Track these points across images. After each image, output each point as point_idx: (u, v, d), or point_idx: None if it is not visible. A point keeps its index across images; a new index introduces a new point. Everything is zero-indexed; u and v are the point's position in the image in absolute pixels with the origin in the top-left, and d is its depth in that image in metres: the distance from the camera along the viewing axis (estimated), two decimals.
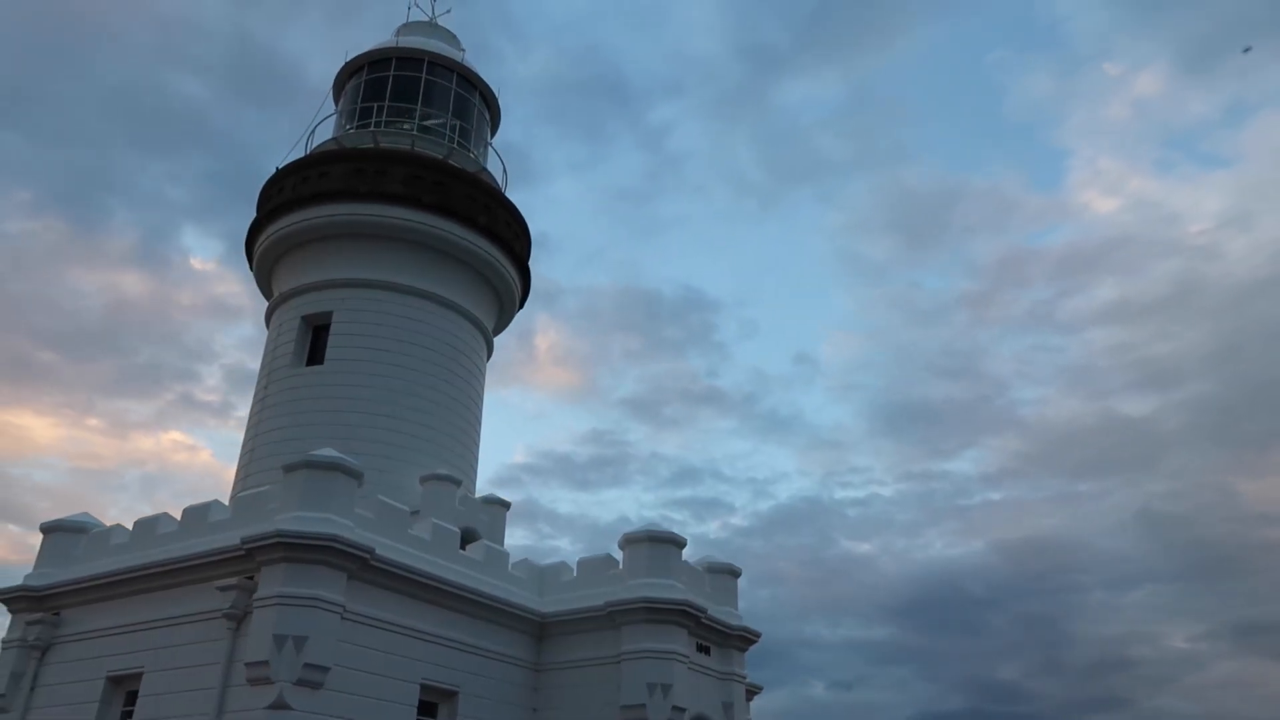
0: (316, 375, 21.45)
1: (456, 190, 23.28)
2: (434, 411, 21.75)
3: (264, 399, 21.89)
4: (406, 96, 25.67)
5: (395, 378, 21.43)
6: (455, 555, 16.93)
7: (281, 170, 23.95)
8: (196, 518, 15.94)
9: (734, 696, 18.44)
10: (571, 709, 16.94)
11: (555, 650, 17.70)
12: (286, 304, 22.97)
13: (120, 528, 17.29)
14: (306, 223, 22.65)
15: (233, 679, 13.53)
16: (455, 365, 22.75)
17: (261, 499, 15.22)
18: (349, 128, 25.56)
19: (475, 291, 24.02)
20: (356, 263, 22.52)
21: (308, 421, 20.65)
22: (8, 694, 16.19)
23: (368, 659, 14.36)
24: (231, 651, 13.73)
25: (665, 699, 16.07)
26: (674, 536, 17.79)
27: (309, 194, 22.71)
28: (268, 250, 23.62)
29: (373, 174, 22.75)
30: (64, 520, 17.90)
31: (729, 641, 18.78)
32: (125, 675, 15.21)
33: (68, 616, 16.55)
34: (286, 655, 13.08)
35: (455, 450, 21.99)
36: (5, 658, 16.62)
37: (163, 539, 16.08)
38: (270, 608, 13.37)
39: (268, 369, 22.46)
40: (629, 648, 16.55)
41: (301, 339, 22.26)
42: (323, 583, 13.70)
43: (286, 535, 13.54)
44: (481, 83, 26.99)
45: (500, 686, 16.80)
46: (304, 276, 22.85)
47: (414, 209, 22.56)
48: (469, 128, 26.40)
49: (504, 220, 24.44)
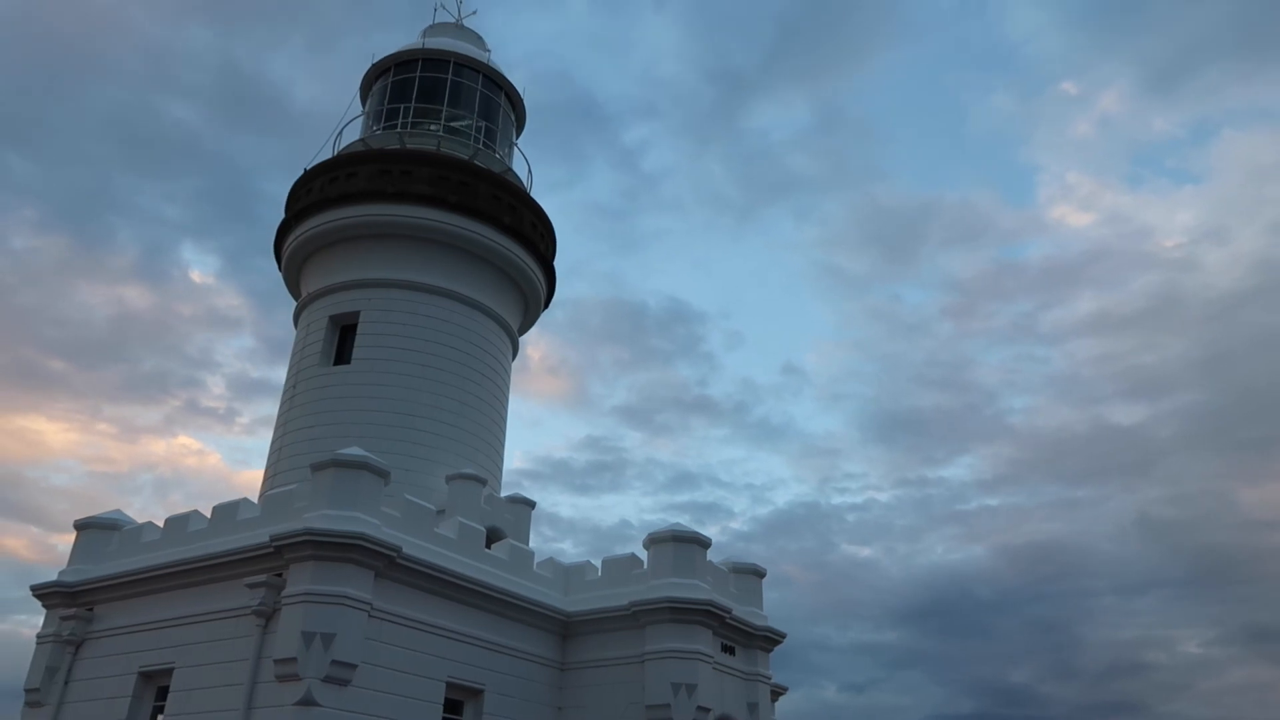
0: (344, 375, 21.62)
1: (482, 190, 23.39)
2: (460, 411, 21.86)
3: (292, 398, 22.08)
4: (433, 97, 25.83)
5: (422, 377, 21.57)
6: (481, 554, 17.01)
7: (309, 171, 24.15)
8: (226, 515, 16.09)
9: (759, 697, 18.40)
10: (596, 708, 16.97)
11: (580, 649, 17.73)
12: (314, 304, 23.17)
13: (152, 525, 17.47)
14: (334, 223, 22.85)
15: (261, 675, 13.64)
16: (481, 365, 22.86)
17: (290, 497, 15.34)
18: (376, 129, 25.74)
19: (501, 291, 24.12)
20: (383, 263, 22.68)
21: (335, 420, 20.83)
22: (42, 688, 16.43)
23: (394, 656, 14.46)
24: (260, 648, 13.83)
25: (690, 699, 16.06)
26: (698, 536, 17.77)
27: (336, 195, 22.91)
28: (296, 251, 23.84)
29: (399, 175, 22.90)
30: (97, 518, 18.11)
31: (754, 642, 18.74)
32: (157, 670, 15.38)
33: (101, 612, 16.77)
34: (314, 652, 13.19)
35: (480, 449, 22.09)
36: (40, 652, 16.87)
37: (193, 536, 16.26)
38: (298, 605, 13.50)
39: (296, 368, 22.65)
40: (653, 647, 16.56)
41: (329, 339, 22.44)
42: (350, 580, 13.81)
43: (315, 533, 13.65)
44: (507, 83, 27.10)
45: (525, 685, 16.86)
46: (331, 277, 23.04)
47: (440, 209, 22.70)
48: (495, 128, 26.52)
49: (529, 220, 24.52)
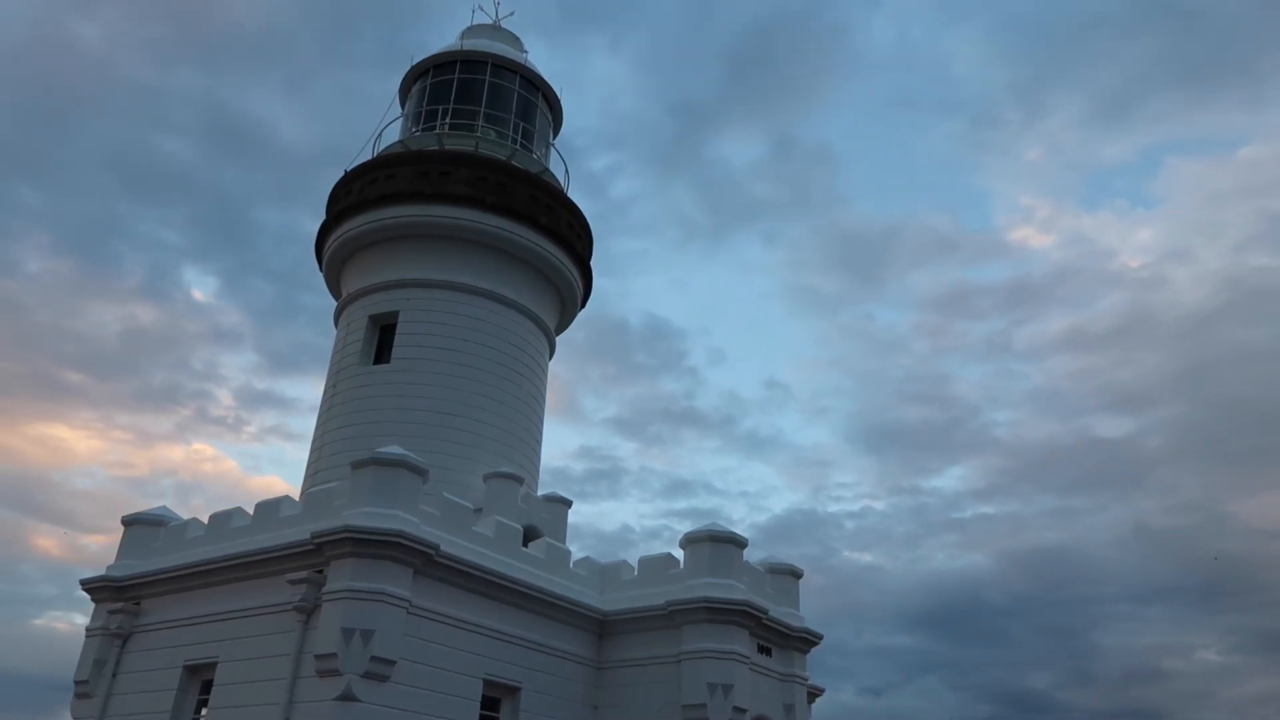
0: (383, 374, 21.85)
1: (519, 191, 23.51)
2: (497, 410, 21.99)
3: (332, 397, 22.36)
4: (471, 99, 26.00)
5: (460, 376, 21.73)
6: (518, 552, 17.10)
7: (350, 173, 24.43)
8: (268, 513, 16.32)
9: (795, 698, 18.31)
10: (632, 707, 16.99)
11: (616, 648, 17.76)
12: (354, 304, 23.43)
13: (196, 521, 17.78)
14: (373, 224, 23.10)
15: (303, 670, 13.82)
16: (518, 364, 22.98)
17: (330, 495, 15.53)
18: (415, 130, 25.97)
19: (538, 291, 24.23)
20: (422, 263, 22.88)
21: (375, 419, 21.05)
22: (91, 680, 16.78)
23: (433, 653, 14.57)
24: (301, 643, 14.01)
25: (726, 699, 16.02)
26: (735, 536, 17.71)
27: (375, 196, 23.15)
28: (336, 251, 24.13)
29: (437, 176, 23.09)
30: (143, 514, 18.45)
31: (790, 643, 18.64)
32: (201, 664, 15.62)
33: (147, 606, 17.08)
34: (354, 648, 13.35)
35: (517, 448, 22.21)
36: (89, 645, 17.24)
37: (236, 533, 16.51)
38: (338, 601, 13.66)
39: (336, 368, 22.94)
40: (689, 647, 16.54)
41: (369, 338, 22.69)
42: (389, 577, 13.95)
43: (354, 530, 13.81)
44: (544, 84, 27.21)
45: (562, 683, 16.92)
46: (371, 277, 23.29)
47: (478, 210, 22.85)
48: (532, 129, 26.64)
49: (566, 220, 24.60)
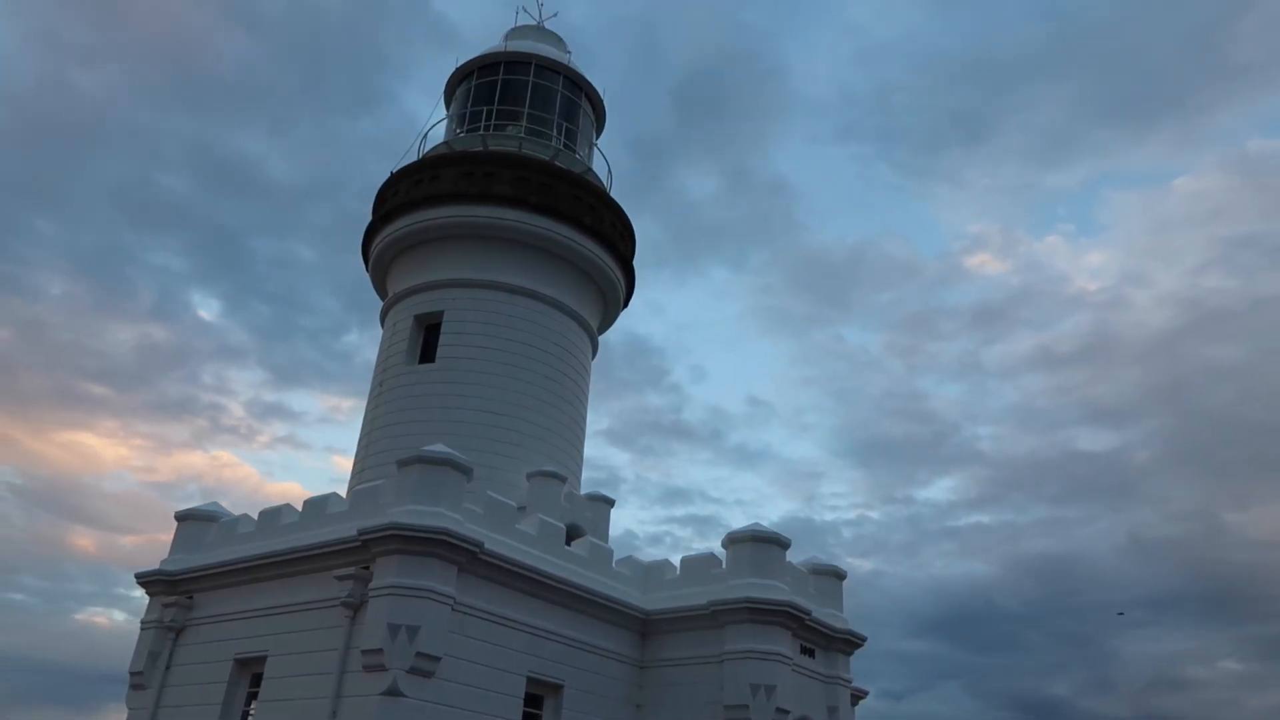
0: (428, 373, 22.09)
1: (562, 191, 23.61)
2: (540, 409, 22.12)
3: (379, 396, 22.65)
4: (515, 99, 26.17)
5: (503, 375, 21.89)
6: (561, 551, 17.17)
7: (395, 175, 24.72)
8: (316, 509, 16.58)
9: (839, 700, 18.16)
10: (675, 706, 16.98)
11: (659, 647, 17.76)
12: (400, 304, 23.71)
13: (247, 517, 18.11)
14: (418, 225, 23.36)
15: (350, 665, 14.02)
16: (561, 363, 23.09)
17: (376, 492, 15.73)
18: (459, 132, 26.20)
19: (581, 290, 24.32)
20: (466, 263, 23.09)
21: (420, 418, 21.29)
22: (146, 671, 17.18)
23: (477, 650, 14.70)
24: (349, 638, 14.21)
25: (769, 700, 15.94)
26: (778, 537, 17.62)
27: (421, 197, 23.41)
28: (383, 252, 24.43)
29: (481, 176, 23.27)
30: (196, 509, 18.84)
31: (833, 644, 18.51)
32: (251, 658, 15.93)
33: (200, 600, 17.44)
34: (400, 644, 13.51)
35: (560, 447, 22.31)
36: (144, 638, 17.65)
37: (285, 529, 16.79)
38: (385, 597, 13.83)
39: (382, 367, 23.23)
40: (732, 647, 16.49)
41: (414, 338, 22.95)
42: (434, 574, 14.09)
43: (400, 528, 13.97)
44: (587, 84, 27.29)
45: (604, 682, 16.97)
46: (416, 277, 23.55)
47: (521, 210, 23.00)
48: (575, 129, 26.74)
49: (609, 220, 24.66)
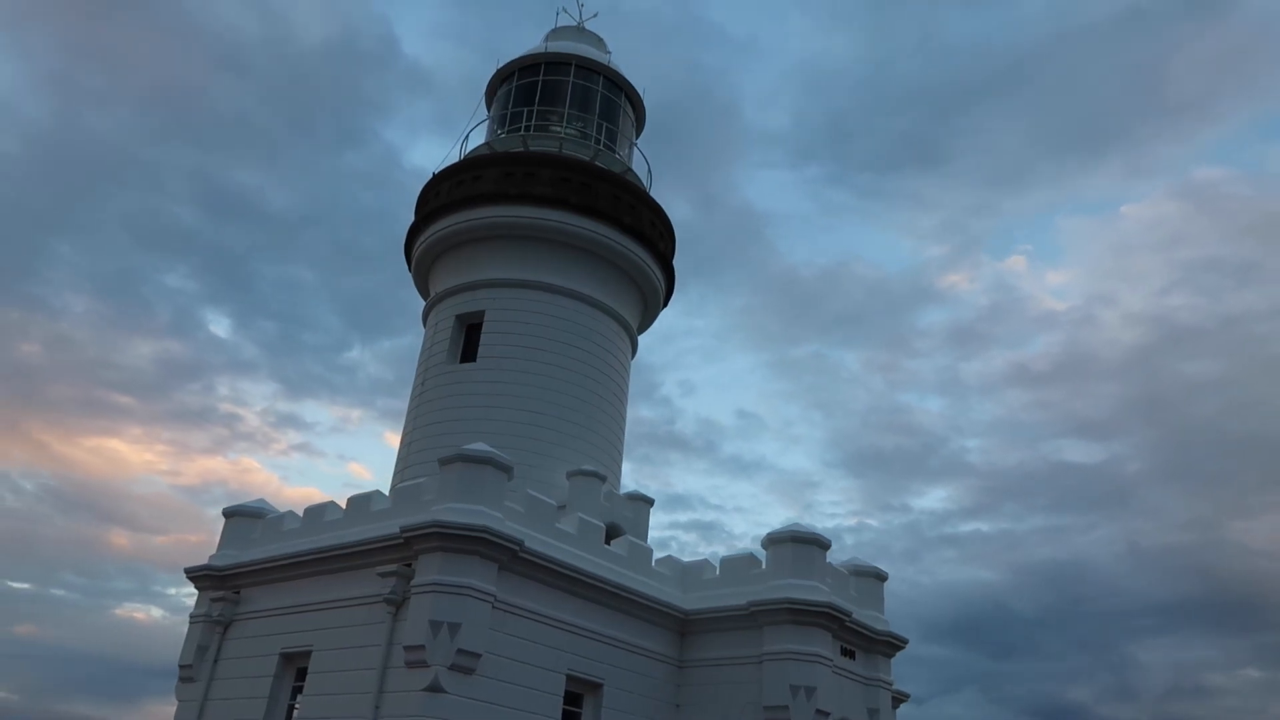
0: (470, 372, 22.28)
1: (602, 191, 23.69)
2: (580, 408, 22.21)
3: (421, 394, 22.89)
4: (555, 100, 26.30)
5: (544, 374, 22.02)
6: (600, 550, 17.22)
7: (437, 175, 24.97)
8: (360, 506, 16.79)
9: (880, 703, 18.02)
10: (714, 706, 16.96)
11: (698, 647, 17.75)
12: (441, 304, 23.95)
13: (292, 514, 18.39)
14: (459, 225, 23.56)
15: (392, 661, 14.19)
16: (601, 362, 23.17)
17: (418, 490, 15.90)
18: (500, 132, 26.38)
19: (621, 290, 24.38)
20: (507, 263, 23.25)
21: (461, 416, 21.47)
22: (194, 665, 17.54)
23: (517, 648, 14.81)
24: (391, 634, 14.38)
25: (809, 702, 15.87)
26: (818, 537, 17.52)
27: (462, 197, 23.62)
28: (425, 252, 24.69)
29: (522, 177, 23.43)
30: (243, 506, 19.19)
31: (874, 646, 18.37)
32: (296, 653, 16.17)
33: (246, 595, 17.76)
34: (441, 640, 13.65)
35: (600, 446, 22.38)
36: (193, 632, 18.01)
37: (329, 526, 17.03)
38: (427, 594, 13.98)
39: (424, 366, 23.47)
40: (771, 648, 16.44)
41: (455, 337, 23.17)
42: (475, 572, 14.22)
43: (441, 525, 14.10)
44: (627, 84, 27.33)
45: (644, 681, 17.00)
46: (458, 277, 23.76)
47: (562, 210, 23.11)
48: (615, 129, 26.81)
49: (649, 220, 24.69)
